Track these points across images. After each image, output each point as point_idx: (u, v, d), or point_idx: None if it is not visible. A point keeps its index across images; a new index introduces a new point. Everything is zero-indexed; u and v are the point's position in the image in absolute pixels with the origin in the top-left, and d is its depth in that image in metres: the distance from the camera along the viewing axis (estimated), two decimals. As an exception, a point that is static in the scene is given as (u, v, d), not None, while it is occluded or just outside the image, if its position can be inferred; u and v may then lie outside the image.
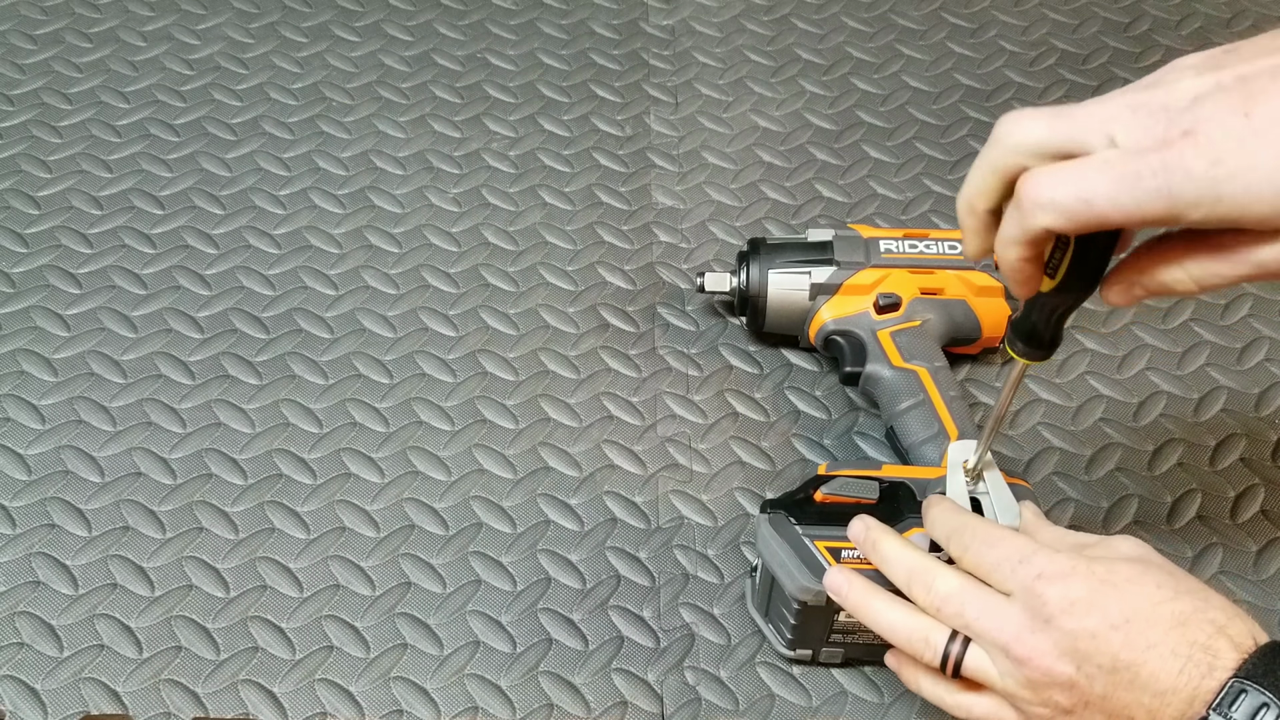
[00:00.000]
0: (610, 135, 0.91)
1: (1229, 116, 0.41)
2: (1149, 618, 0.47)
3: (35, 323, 0.79)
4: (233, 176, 0.87)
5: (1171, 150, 0.41)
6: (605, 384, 0.78)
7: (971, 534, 0.54)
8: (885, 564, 0.56)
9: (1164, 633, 0.47)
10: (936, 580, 0.53)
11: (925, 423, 0.69)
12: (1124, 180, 0.42)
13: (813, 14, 1.00)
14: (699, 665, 0.66)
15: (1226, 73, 0.42)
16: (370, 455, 0.74)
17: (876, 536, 0.58)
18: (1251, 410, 0.78)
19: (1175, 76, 0.43)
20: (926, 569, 0.54)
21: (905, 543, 0.57)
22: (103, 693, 0.64)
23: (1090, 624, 0.48)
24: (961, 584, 0.52)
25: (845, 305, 0.74)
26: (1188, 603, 0.48)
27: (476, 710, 0.64)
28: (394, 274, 0.83)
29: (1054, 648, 0.49)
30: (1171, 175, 0.41)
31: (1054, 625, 0.49)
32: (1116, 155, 0.43)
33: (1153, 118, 0.42)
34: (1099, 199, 0.43)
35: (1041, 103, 0.94)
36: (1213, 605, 0.48)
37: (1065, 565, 0.50)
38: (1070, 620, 0.48)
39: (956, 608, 0.52)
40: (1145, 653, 0.47)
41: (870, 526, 0.58)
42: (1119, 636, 0.47)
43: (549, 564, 0.70)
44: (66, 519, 0.71)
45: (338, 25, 0.97)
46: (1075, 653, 0.48)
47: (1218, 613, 0.47)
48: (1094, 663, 0.48)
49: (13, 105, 0.91)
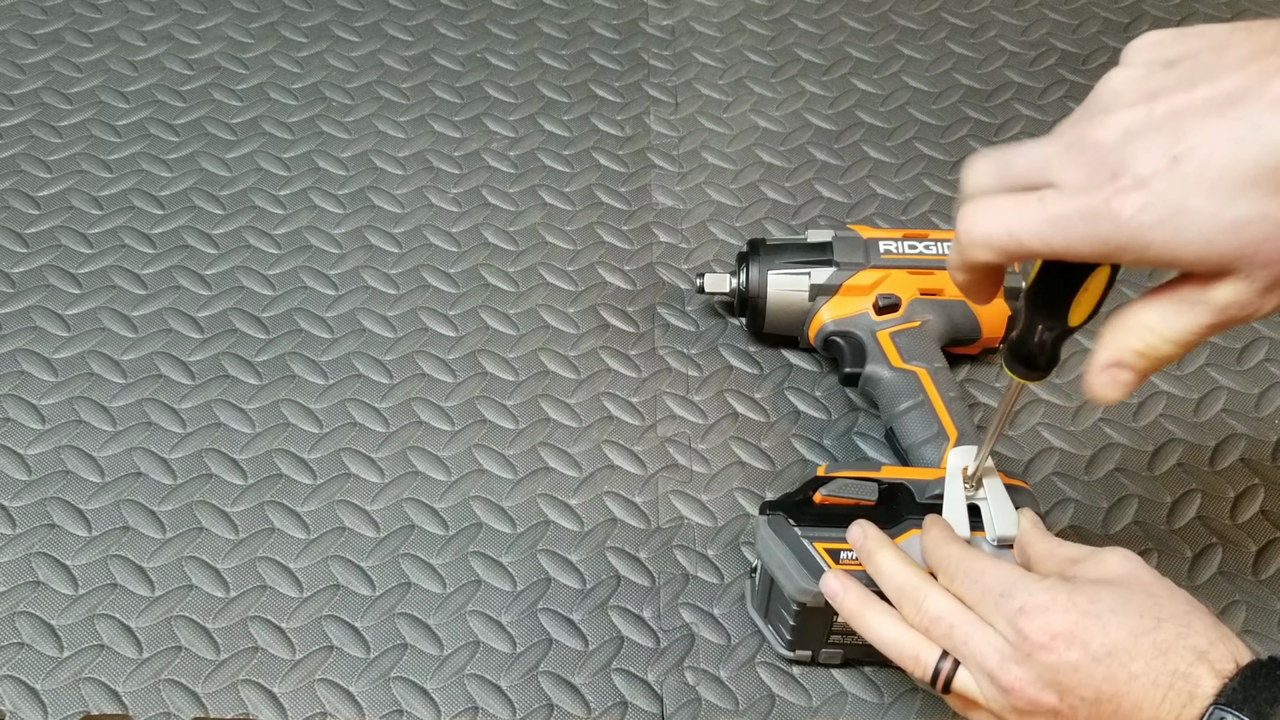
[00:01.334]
0: (610, 135, 0.91)
1: (1157, 159, 0.40)
2: (1130, 649, 0.48)
3: (35, 323, 0.79)
4: (233, 176, 0.87)
5: (1099, 194, 0.41)
6: (605, 384, 0.78)
7: (956, 566, 0.54)
8: (878, 577, 0.57)
9: (1145, 663, 0.47)
10: (926, 600, 0.54)
11: (925, 424, 0.69)
12: (1055, 223, 0.42)
13: (813, 14, 1.00)
14: (699, 665, 0.66)
15: (1160, 104, 0.41)
16: (370, 455, 0.74)
17: (872, 547, 0.58)
18: (1251, 410, 0.78)
19: (1111, 100, 0.43)
20: (917, 587, 0.55)
21: (900, 556, 0.57)
22: (103, 693, 0.64)
23: (1072, 657, 0.48)
24: (950, 607, 0.53)
25: (845, 306, 0.74)
26: (1170, 630, 0.48)
27: (476, 710, 0.65)
28: (394, 274, 0.83)
29: (1037, 679, 0.49)
30: (1099, 221, 0.41)
31: (1035, 659, 0.49)
32: (1051, 196, 0.43)
33: (1085, 156, 0.42)
34: (1029, 238, 0.43)
35: (1041, 103, 0.94)
36: (1195, 630, 0.48)
37: (1046, 598, 0.50)
38: (1051, 655, 0.49)
39: (944, 630, 0.53)
40: (1128, 684, 0.47)
41: (868, 535, 0.59)
42: (1101, 669, 0.48)
43: (549, 564, 0.70)
44: (66, 519, 0.71)
45: (338, 25, 0.97)
46: (1058, 685, 0.49)
47: (1199, 638, 0.48)
48: (1077, 694, 0.48)
49: (13, 105, 0.91)
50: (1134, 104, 0.42)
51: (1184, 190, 0.40)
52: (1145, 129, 0.41)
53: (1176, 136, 0.40)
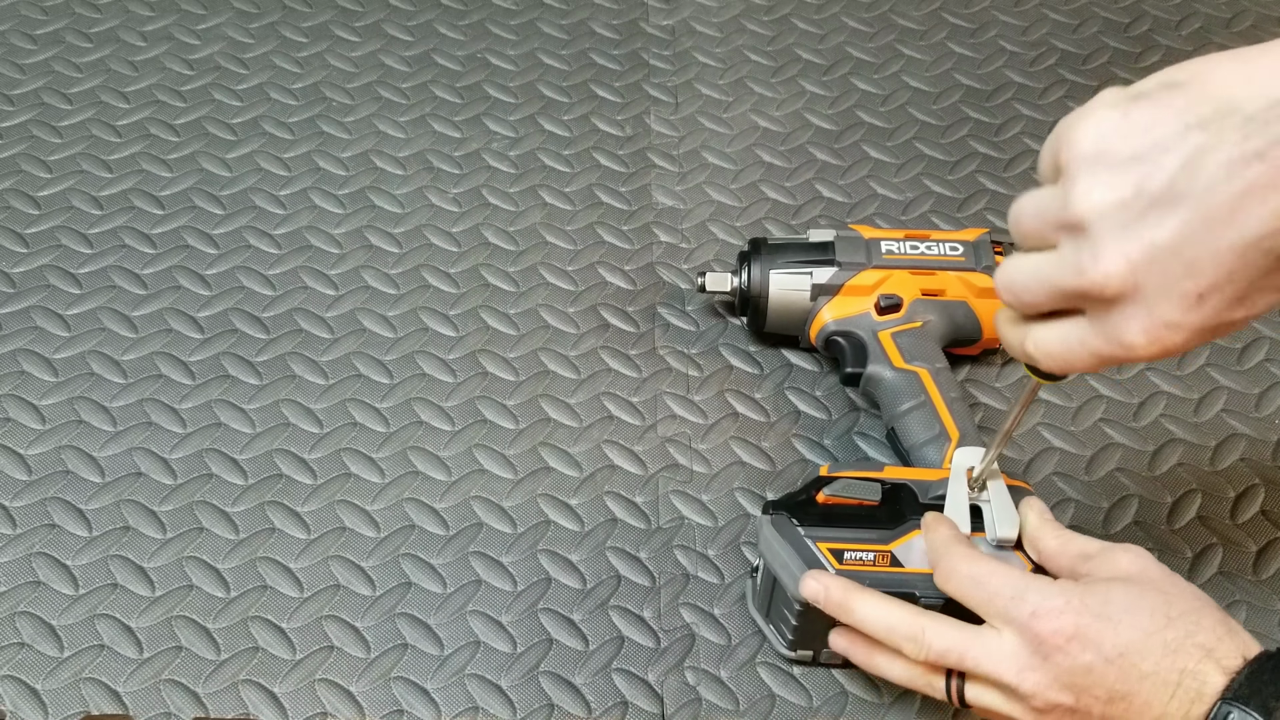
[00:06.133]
0: (610, 135, 0.91)
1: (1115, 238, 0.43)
2: (1141, 649, 0.49)
3: (35, 323, 0.79)
4: (233, 176, 0.87)
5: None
6: (605, 384, 0.78)
7: (961, 568, 0.55)
8: (865, 625, 0.57)
9: (1156, 662, 0.49)
10: (926, 635, 0.54)
11: (926, 424, 0.69)
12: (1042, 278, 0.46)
13: (813, 14, 1.00)
14: (699, 665, 0.66)
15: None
16: (370, 455, 0.74)
17: (841, 596, 0.57)
18: (1251, 410, 0.78)
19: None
20: (911, 624, 0.55)
21: (877, 597, 0.57)
22: (103, 693, 0.64)
23: (1086, 659, 0.49)
24: (955, 637, 0.53)
25: (846, 306, 0.74)
26: (1180, 628, 0.49)
27: (477, 710, 0.64)
28: (394, 274, 0.83)
29: (1054, 681, 0.50)
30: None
31: (1051, 661, 0.50)
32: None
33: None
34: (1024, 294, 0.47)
35: (1041, 103, 0.94)
36: (1203, 627, 0.49)
37: (1059, 601, 0.51)
38: (1066, 657, 0.50)
39: (955, 660, 0.53)
40: (1139, 683, 0.49)
41: (829, 586, 0.58)
42: (1114, 670, 0.49)
43: (549, 564, 0.70)
44: (67, 519, 0.70)
45: (338, 25, 0.97)
46: (1074, 686, 0.50)
47: (1207, 634, 0.49)
48: (1091, 694, 0.50)
49: (13, 105, 0.91)
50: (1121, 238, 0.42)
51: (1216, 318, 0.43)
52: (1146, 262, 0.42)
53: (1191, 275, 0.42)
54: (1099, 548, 0.55)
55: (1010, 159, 0.90)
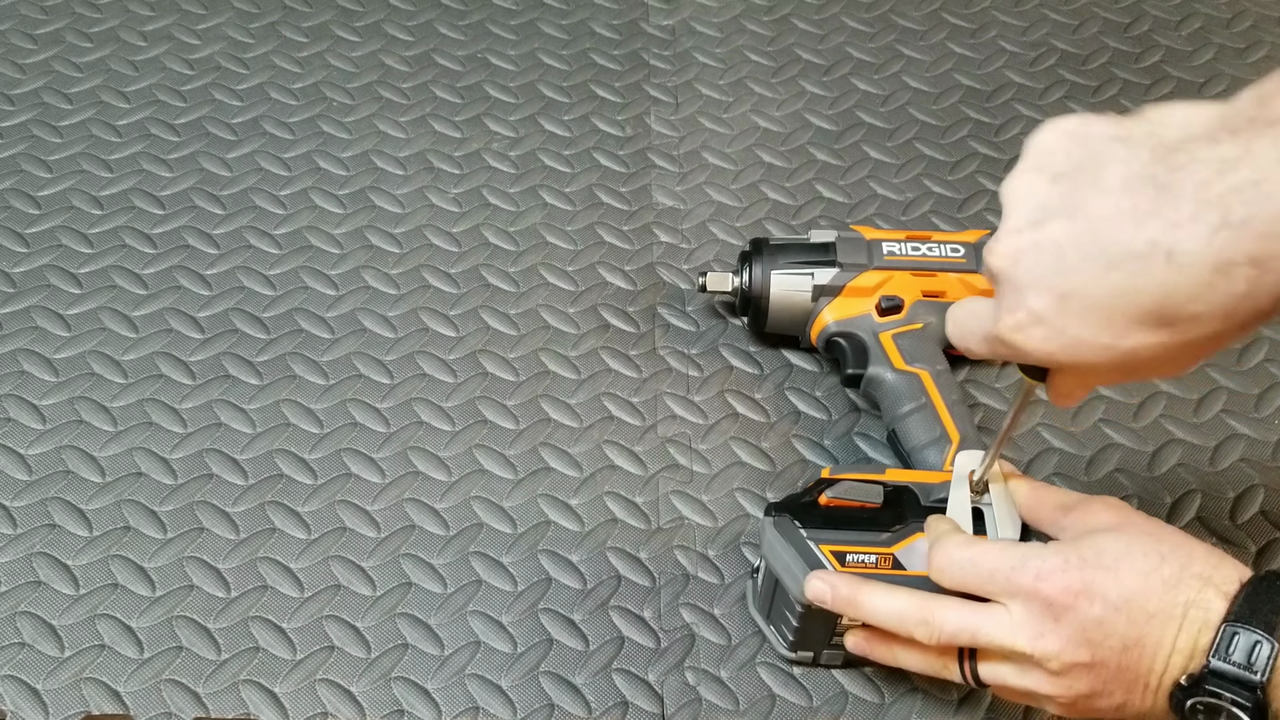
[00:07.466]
0: (610, 135, 0.91)
1: (1046, 296, 0.45)
2: (1144, 591, 0.50)
3: (36, 323, 0.79)
4: (233, 176, 0.87)
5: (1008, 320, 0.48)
6: (606, 384, 0.78)
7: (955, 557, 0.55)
8: (874, 617, 0.57)
9: (1159, 600, 0.50)
10: (936, 618, 0.55)
11: (927, 426, 0.69)
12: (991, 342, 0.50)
13: (813, 14, 1.00)
14: (699, 666, 0.66)
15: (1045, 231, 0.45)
16: (371, 455, 0.74)
17: (849, 591, 0.58)
18: (1251, 410, 0.78)
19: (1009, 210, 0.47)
20: (920, 608, 0.55)
21: (883, 586, 0.57)
22: (104, 693, 0.64)
23: (1096, 612, 0.50)
24: (964, 616, 0.54)
25: (847, 307, 0.74)
26: (1174, 563, 0.51)
27: (477, 710, 0.65)
28: (394, 274, 0.83)
29: (1069, 640, 0.51)
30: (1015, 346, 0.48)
31: (1064, 621, 0.51)
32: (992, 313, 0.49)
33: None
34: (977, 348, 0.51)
35: (1041, 103, 0.94)
36: (1196, 558, 0.51)
37: (1058, 560, 0.52)
38: (1077, 614, 0.51)
39: (968, 639, 0.54)
40: (1147, 624, 0.50)
41: (835, 584, 0.58)
42: (1122, 617, 0.50)
43: (549, 564, 0.70)
44: (67, 519, 0.71)
45: (338, 25, 0.97)
46: (1089, 641, 0.51)
47: (1201, 564, 0.51)
48: (1106, 646, 0.50)
49: (13, 105, 0.91)
50: (1019, 229, 0.46)
51: (1077, 325, 0.45)
52: (1032, 251, 0.45)
53: (1061, 273, 0.44)
54: (1076, 499, 0.57)
55: (1010, 159, 0.90)
